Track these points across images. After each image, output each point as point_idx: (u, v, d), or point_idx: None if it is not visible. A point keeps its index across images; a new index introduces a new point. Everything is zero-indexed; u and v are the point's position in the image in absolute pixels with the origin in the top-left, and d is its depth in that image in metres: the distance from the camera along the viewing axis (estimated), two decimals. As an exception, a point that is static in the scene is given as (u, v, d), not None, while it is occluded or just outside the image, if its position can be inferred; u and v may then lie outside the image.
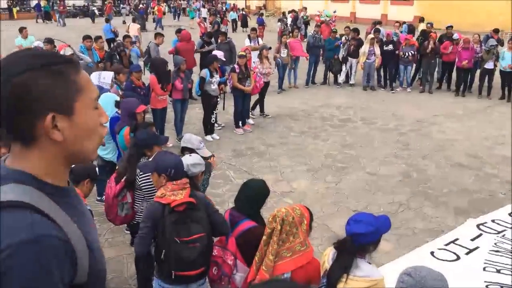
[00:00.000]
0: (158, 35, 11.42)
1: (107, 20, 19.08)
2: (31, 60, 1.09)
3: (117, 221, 4.23)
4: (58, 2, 36.64)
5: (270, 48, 10.75)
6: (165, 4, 40.81)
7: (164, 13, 32.96)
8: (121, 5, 40.05)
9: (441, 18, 22.89)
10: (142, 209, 4.02)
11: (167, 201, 3.09)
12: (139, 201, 4.09)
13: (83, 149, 1.18)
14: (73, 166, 2.95)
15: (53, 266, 1.03)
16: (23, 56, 1.11)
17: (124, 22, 31.31)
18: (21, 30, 12.04)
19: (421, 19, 16.26)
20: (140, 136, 4.20)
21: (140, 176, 3.95)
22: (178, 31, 12.19)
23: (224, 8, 37.01)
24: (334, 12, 23.72)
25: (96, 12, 37.13)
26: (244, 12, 29.84)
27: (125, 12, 35.15)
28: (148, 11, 36.24)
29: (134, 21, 20.28)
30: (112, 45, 10.22)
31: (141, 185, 3.96)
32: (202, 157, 3.90)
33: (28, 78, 1.06)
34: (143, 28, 24.13)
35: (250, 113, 10.13)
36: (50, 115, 1.08)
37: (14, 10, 37.52)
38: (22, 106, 1.06)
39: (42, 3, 37.30)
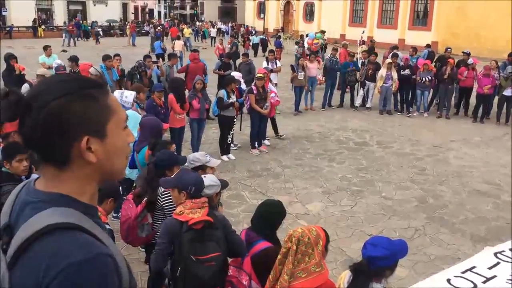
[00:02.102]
0: (171, 56, 11.70)
1: (157, 38, 23.29)
2: (65, 85, 1.13)
3: (136, 243, 4.19)
4: (67, 22, 37.63)
5: (271, 71, 10.99)
6: (186, 25, 41.53)
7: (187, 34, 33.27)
8: (150, 26, 41.39)
9: (460, 44, 22.89)
10: None
11: (185, 219, 3.12)
12: (159, 221, 4.06)
13: (113, 169, 1.22)
14: None
15: (110, 282, 1.07)
16: (57, 81, 1.15)
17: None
18: (46, 48, 12.40)
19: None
20: (160, 157, 4.24)
21: (162, 197, 3.96)
22: (193, 51, 12.63)
23: (253, 32, 37.09)
24: (363, 32, 23.71)
25: (101, 32, 37.42)
26: (265, 37, 29.87)
27: (152, 32, 36.06)
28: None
29: (179, 38, 23.29)
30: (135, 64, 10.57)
31: (164, 205, 3.96)
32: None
33: (64, 103, 1.09)
34: None
35: (279, 135, 10.43)
36: (85, 138, 1.12)
37: (40, 29, 38.48)
38: (58, 130, 1.09)
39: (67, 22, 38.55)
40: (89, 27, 39.63)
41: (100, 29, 38.79)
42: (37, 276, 1.02)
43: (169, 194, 3.89)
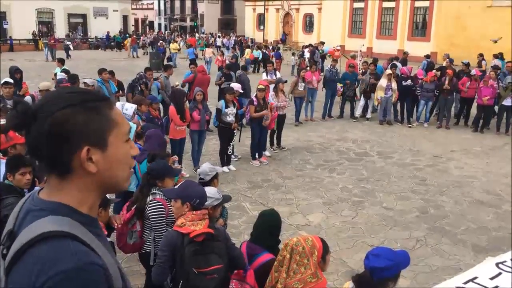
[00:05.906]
0: (168, 67, 11.75)
1: (190, 46, 27.03)
2: (70, 97, 1.18)
3: (126, 249, 4.23)
4: (49, 35, 37.02)
5: (286, 81, 10.90)
6: (180, 38, 41.69)
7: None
8: (147, 37, 42.16)
9: (459, 54, 22.99)
10: (150, 238, 4.05)
11: (186, 231, 3.11)
12: (147, 231, 4.08)
13: (115, 180, 1.26)
14: None
15: None
16: (62, 93, 1.20)
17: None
18: (60, 61, 12.96)
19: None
20: (153, 166, 4.25)
21: (149, 206, 3.98)
22: (192, 62, 12.72)
23: (272, 47, 36.32)
24: (362, 45, 23.92)
25: (71, 46, 35.25)
26: (266, 51, 29.39)
27: (149, 47, 36.18)
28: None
29: (208, 46, 26.58)
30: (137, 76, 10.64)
31: (149, 215, 3.97)
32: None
33: (67, 114, 1.14)
34: (159, 68, 22.26)
35: (273, 147, 10.40)
36: (85, 148, 1.16)
37: (40, 42, 38.62)
38: (61, 139, 1.14)
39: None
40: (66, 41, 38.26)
41: (70, 43, 35.59)
42: (30, 282, 1.04)
43: (155, 204, 3.91)
